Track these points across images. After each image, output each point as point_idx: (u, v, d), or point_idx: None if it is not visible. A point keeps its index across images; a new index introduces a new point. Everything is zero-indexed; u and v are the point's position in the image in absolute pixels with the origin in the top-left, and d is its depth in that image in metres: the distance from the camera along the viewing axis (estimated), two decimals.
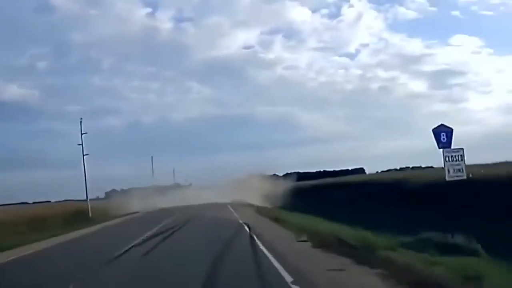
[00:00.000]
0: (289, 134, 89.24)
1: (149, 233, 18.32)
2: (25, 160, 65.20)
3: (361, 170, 76.21)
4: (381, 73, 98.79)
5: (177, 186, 61.96)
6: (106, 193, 55.06)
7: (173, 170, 71.10)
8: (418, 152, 72.38)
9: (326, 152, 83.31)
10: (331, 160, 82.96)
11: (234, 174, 57.62)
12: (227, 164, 62.11)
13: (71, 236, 22.16)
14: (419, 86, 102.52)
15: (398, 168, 67.47)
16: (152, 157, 65.55)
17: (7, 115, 79.46)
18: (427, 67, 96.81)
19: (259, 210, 32.27)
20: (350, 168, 76.10)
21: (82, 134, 40.81)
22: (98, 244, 17.60)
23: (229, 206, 37.42)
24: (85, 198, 39.94)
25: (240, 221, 21.74)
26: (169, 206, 43.91)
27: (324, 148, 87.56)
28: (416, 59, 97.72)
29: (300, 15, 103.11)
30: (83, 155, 40.14)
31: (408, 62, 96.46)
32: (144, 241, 15.83)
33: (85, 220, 33.51)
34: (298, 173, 66.45)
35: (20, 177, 57.65)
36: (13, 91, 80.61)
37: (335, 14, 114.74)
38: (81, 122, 40.99)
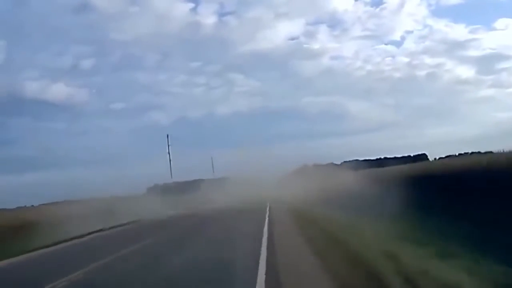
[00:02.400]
0: (337, 123, 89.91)
1: None
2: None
3: (423, 156, 70.58)
4: (428, 60, 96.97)
5: (223, 180, 56.03)
6: (148, 189, 49.99)
7: (211, 159, 67.28)
8: (470, 137, 69.39)
9: (375, 140, 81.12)
10: (381, 148, 79.11)
11: (285, 165, 52.88)
12: (277, 156, 58.01)
13: None
14: (466, 71, 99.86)
15: (457, 154, 63.51)
16: (168, 145, 59.86)
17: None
18: (473, 52, 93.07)
19: None
20: (412, 155, 70.45)
21: None
22: None
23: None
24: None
25: None
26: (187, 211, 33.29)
27: (373, 136, 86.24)
28: (462, 45, 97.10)
29: (342, 3, 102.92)
30: None
31: (454, 48, 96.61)
32: None
33: None
34: (356, 160, 60.05)
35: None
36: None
37: (377, 2, 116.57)
38: None
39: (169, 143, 60.46)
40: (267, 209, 26.75)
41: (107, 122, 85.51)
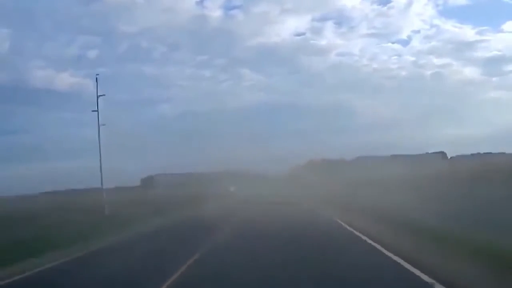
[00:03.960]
0: (343, 119, 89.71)
1: None
2: None
3: (442, 154, 67.17)
4: (434, 60, 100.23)
5: (226, 174, 52.22)
6: (142, 180, 46.24)
7: (215, 152, 64.19)
8: (478, 138, 73.11)
9: (382, 138, 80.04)
10: (388, 145, 76.06)
11: (291, 159, 49.73)
12: (286, 150, 55.46)
13: None
14: (472, 73, 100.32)
15: (469, 154, 62.71)
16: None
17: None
18: (480, 54, 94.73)
19: None
20: (429, 152, 67.45)
21: None
22: None
23: None
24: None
25: None
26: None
27: (379, 133, 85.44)
28: (469, 46, 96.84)
29: (350, 1, 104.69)
30: None
31: (461, 49, 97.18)
32: None
33: None
34: (370, 156, 56.37)
35: None
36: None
37: (385, 1, 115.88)
38: None
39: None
40: None
41: (111, 113, 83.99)
